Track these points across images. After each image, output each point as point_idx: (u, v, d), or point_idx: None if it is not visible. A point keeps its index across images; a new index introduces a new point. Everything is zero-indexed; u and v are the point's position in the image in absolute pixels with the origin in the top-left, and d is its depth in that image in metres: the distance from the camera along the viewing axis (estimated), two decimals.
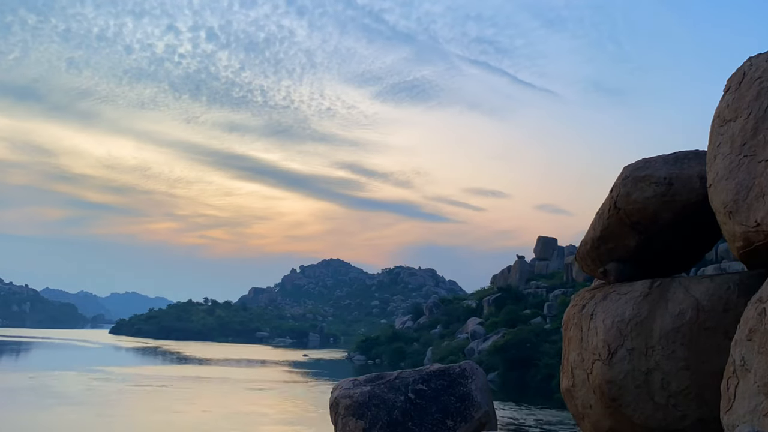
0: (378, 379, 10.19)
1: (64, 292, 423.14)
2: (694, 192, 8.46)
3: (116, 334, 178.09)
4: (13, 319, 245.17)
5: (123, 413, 41.60)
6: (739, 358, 6.71)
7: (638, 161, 9.17)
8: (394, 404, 9.67)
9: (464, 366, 10.33)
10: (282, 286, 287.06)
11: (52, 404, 43.48)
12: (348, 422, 9.63)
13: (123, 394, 51.32)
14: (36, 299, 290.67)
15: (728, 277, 8.32)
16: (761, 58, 7.65)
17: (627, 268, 9.39)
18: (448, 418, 9.56)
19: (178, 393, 52.87)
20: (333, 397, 10.08)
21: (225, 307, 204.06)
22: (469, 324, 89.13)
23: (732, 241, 7.49)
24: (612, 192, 9.20)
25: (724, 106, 7.87)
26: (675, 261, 9.75)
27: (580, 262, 10.39)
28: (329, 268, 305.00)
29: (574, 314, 9.50)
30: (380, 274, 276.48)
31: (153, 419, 39.74)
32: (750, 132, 7.29)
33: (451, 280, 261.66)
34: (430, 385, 9.90)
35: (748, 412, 6.40)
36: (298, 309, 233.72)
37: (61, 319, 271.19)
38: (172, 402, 47.33)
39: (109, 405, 44.73)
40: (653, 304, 8.44)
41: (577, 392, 9.18)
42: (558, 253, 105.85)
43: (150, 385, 58.74)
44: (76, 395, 49.08)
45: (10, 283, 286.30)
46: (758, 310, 6.64)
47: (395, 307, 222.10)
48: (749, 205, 7.03)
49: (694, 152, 8.93)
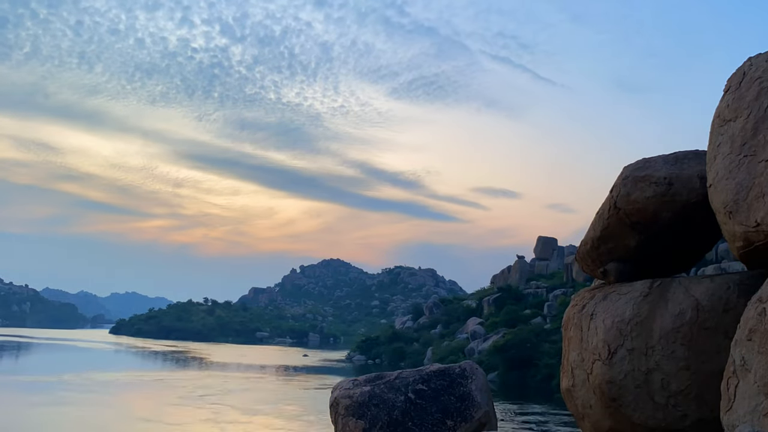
0: (378, 379, 10.20)
1: (64, 292, 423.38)
2: (694, 192, 8.46)
3: (116, 334, 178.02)
4: (13, 319, 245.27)
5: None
6: (739, 358, 6.71)
7: (638, 161, 9.17)
8: (394, 404, 9.68)
9: (464, 366, 10.34)
10: (282, 286, 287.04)
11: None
12: (348, 422, 9.63)
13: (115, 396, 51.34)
14: (36, 299, 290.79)
15: (728, 277, 8.32)
16: (761, 58, 7.66)
17: (627, 268, 9.39)
18: (448, 418, 9.56)
19: (178, 392, 52.88)
20: (333, 397, 10.08)
21: (225, 307, 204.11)
22: (469, 324, 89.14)
23: (732, 241, 7.50)
24: (612, 192, 9.20)
25: (724, 106, 7.87)
26: (675, 261, 9.75)
27: (580, 262, 10.39)
28: (329, 268, 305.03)
29: (574, 314, 9.50)
30: (380, 274, 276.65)
31: (152, 417, 39.79)
32: (750, 132, 7.29)
33: (451, 280, 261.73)
34: (430, 385, 9.91)
35: (748, 412, 6.40)
36: (298, 309, 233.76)
37: (61, 319, 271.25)
38: (174, 399, 47.38)
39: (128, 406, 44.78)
40: (653, 304, 8.44)
41: (577, 392, 9.18)
42: (558, 253, 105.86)
43: (148, 384, 58.83)
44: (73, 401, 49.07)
45: (10, 283, 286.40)
46: (758, 310, 6.64)
47: (395, 307, 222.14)
48: (749, 205, 7.03)
49: (694, 152, 8.93)
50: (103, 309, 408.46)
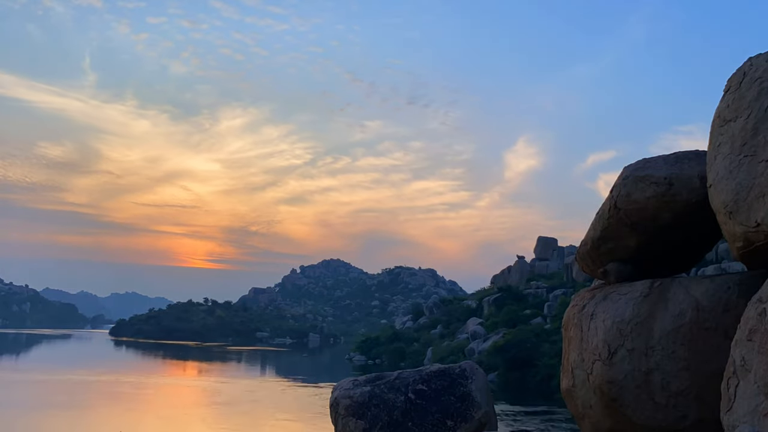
0: (378, 379, 10.19)
1: (64, 292, 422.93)
2: (695, 192, 8.45)
3: (116, 334, 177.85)
4: (13, 319, 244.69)
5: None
6: (739, 358, 6.71)
7: (638, 161, 9.16)
8: (394, 404, 9.67)
9: (464, 366, 10.34)
10: (282, 287, 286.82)
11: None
12: (348, 422, 9.63)
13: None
14: (36, 299, 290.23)
15: (728, 278, 8.32)
16: (761, 58, 7.65)
17: (627, 269, 9.38)
18: (448, 418, 9.56)
19: (179, 397, 52.86)
20: (333, 397, 10.08)
21: (225, 308, 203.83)
22: (469, 324, 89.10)
23: (732, 241, 7.50)
24: (612, 192, 9.19)
25: (724, 106, 7.87)
26: (675, 261, 9.75)
27: (580, 262, 10.39)
28: (329, 269, 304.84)
29: (574, 314, 9.50)
30: (380, 275, 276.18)
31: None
32: (750, 132, 7.29)
33: (451, 280, 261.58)
34: (430, 386, 9.90)
35: (748, 413, 6.40)
36: (298, 309, 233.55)
37: (61, 319, 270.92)
38: (176, 402, 47.34)
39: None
40: (653, 304, 8.44)
41: (578, 392, 9.17)
42: (558, 254, 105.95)
43: (147, 389, 58.73)
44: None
45: (10, 284, 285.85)
46: (758, 310, 6.64)
47: (395, 307, 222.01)
48: (749, 205, 7.03)
49: (694, 152, 8.93)
50: (103, 309, 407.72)
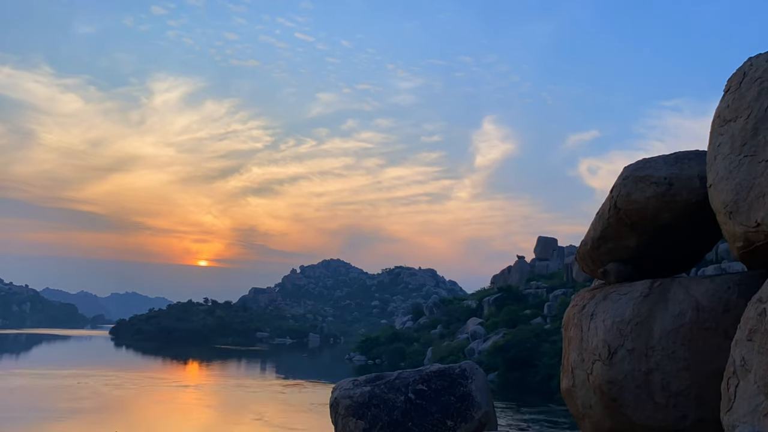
0: (378, 379, 10.19)
1: (64, 292, 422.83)
2: (695, 192, 8.45)
3: (116, 334, 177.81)
4: (13, 319, 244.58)
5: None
6: (739, 358, 6.71)
7: (638, 161, 9.16)
8: (394, 404, 9.67)
9: (464, 366, 10.34)
10: (282, 287, 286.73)
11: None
12: (348, 422, 9.63)
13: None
14: (36, 299, 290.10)
15: (728, 278, 8.31)
16: (761, 58, 7.65)
17: (627, 269, 9.38)
18: (448, 419, 9.56)
19: (178, 397, 52.90)
20: (333, 397, 10.08)
21: (225, 308, 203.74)
22: (469, 324, 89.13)
23: (732, 241, 7.49)
24: (612, 192, 9.19)
25: (724, 106, 7.86)
26: (675, 261, 9.74)
27: (580, 262, 10.38)
28: (329, 269, 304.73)
29: (574, 314, 9.50)
30: (380, 275, 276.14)
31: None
32: (750, 132, 7.29)
33: (451, 281, 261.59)
34: (430, 386, 9.90)
35: (748, 413, 6.40)
36: (298, 309, 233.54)
37: (61, 319, 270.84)
38: (183, 402, 47.36)
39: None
40: (653, 304, 8.44)
41: (578, 392, 9.17)
42: (558, 253, 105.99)
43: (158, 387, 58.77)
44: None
45: (10, 284, 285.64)
46: (758, 311, 6.64)
47: (395, 307, 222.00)
48: (749, 205, 7.03)
49: (694, 152, 8.92)
50: (103, 309, 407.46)
